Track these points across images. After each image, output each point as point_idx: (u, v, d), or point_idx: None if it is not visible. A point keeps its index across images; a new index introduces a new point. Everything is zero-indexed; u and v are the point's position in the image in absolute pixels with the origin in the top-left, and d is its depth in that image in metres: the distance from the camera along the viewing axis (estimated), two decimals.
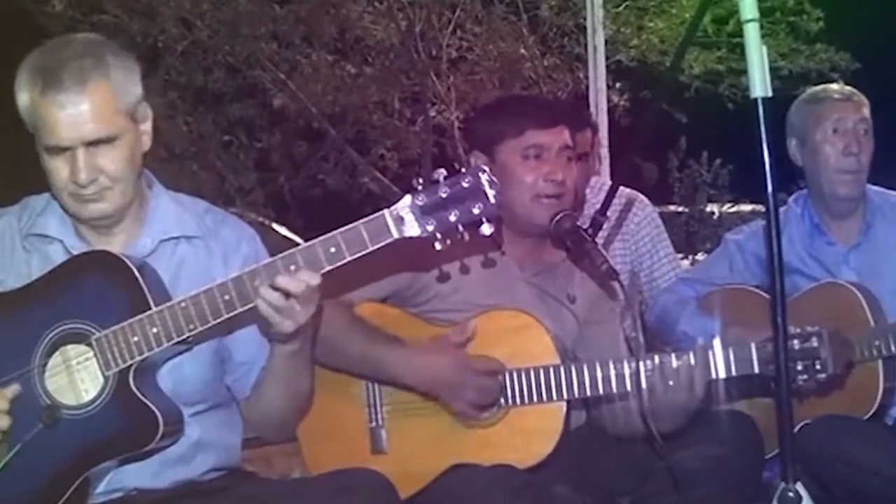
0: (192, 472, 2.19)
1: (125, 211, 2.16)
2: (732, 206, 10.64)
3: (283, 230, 8.11)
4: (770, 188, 2.11)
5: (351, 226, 2.04)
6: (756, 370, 2.46)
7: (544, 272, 2.69)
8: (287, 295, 2.01)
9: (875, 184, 3.05)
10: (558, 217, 2.63)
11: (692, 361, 2.44)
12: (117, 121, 2.07)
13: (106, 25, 10.17)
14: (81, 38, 2.14)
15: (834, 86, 3.10)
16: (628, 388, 2.47)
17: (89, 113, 2.04)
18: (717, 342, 2.48)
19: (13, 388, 2.05)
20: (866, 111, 2.97)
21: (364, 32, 11.06)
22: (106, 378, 2.05)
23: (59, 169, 2.07)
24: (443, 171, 2.03)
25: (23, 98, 2.06)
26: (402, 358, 2.49)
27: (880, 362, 2.75)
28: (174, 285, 2.13)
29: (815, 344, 2.43)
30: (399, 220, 2.03)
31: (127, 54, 2.14)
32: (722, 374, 2.47)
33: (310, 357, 2.26)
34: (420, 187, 2.03)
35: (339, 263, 2.04)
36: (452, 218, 2.01)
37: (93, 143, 2.05)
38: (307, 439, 2.60)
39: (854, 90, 3.03)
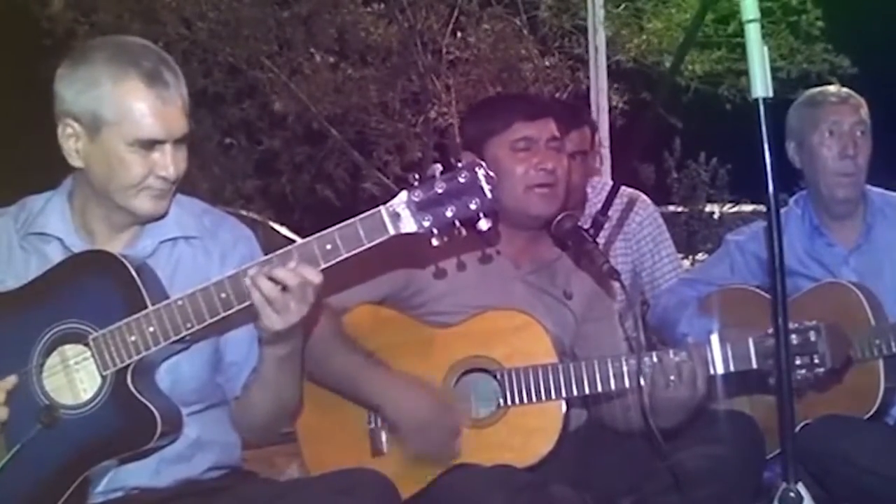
0: (192, 470, 2.19)
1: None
2: (733, 207, 10.64)
3: (283, 230, 8.09)
4: (771, 189, 2.11)
5: (347, 222, 2.03)
6: (754, 365, 2.46)
7: (540, 270, 2.69)
8: (283, 288, 2.01)
9: (875, 185, 3.05)
10: (559, 217, 2.63)
11: (691, 358, 2.44)
12: (187, 122, 2.13)
13: (106, 26, 10.18)
14: (146, 42, 2.17)
15: (831, 88, 3.10)
16: (627, 385, 2.47)
17: (180, 112, 2.10)
18: (714, 338, 2.48)
19: (10, 380, 2.06)
20: (863, 113, 2.96)
21: (364, 34, 11.07)
22: (104, 378, 2.05)
23: (135, 164, 2.07)
24: (438, 167, 2.03)
25: (107, 91, 2.05)
26: (382, 383, 2.47)
27: (881, 362, 2.75)
28: (171, 285, 2.13)
29: (814, 339, 2.43)
30: (395, 217, 2.02)
31: None
32: (720, 371, 2.47)
33: (299, 365, 2.25)
34: (416, 183, 2.02)
35: (335, 260, 2.03)
36: (449, 214, 2.01)
37: (177, 141, 2.10)
38: (307, 441, 2.59)
39: (851, 92, 3.03)
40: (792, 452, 2.11)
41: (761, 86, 2.10)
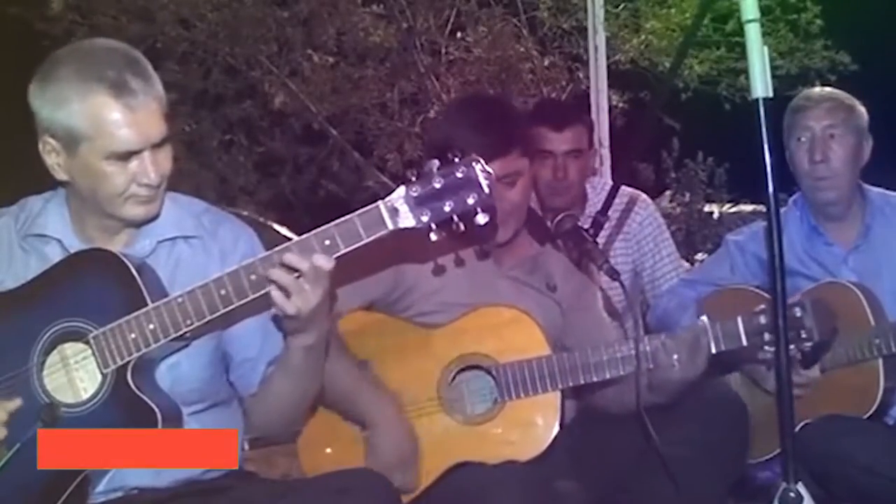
0: (193, 471, 2.18)
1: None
2: (733, 207, 10.63)
3: (283, 230, 8.09)
4: (771, 189, 2.11)
5: (345, 218, 2.04)
6: (744, 343, 2.48)
7: (522, 265, 2.70)
8: (298, 274, 2.01)
9: (875, 184, 3.05)
10: (560, 217, 2.64)
11: (696, 340, 2.46)
12: (165, 122, 2.10)
13: (105, 28, 10.17)
14: (113, 44, 2.13)
15: (815, 91, 3.10)
16: (620, 372, 2.49)
17: (154, 115, 2.06)
18: (704, 318, 2.50)
19: (15, 403, 2.06)
20: (842, 115, 2.95)
21: (363, 34, 11.07)
22: (104, 376, 2.05)
23: (115, 175, 2.06)
24: (436, 163, 2.03)
25: (76, 109, 2.02)
26: (378, 410, 2.49)
27: (881, 361, 2.75)
28: (172, 285, 2.13)
29: (799, 314, 2.46)
30: (394, 212, 2.02)
31: None
32: (712, 350, 2.48)
33: (324, 354, 2.24)
34: (414, 179, 2.03)
35: (334, 256, 2.03)
36: (447, 209, 2.01)
37: (156, 145, 2.07)
38: (304, 446, 2.60)
39: (834, 94, 3.02)
40: (792, 452, 2.11)
41: (761, 86, 2.10)
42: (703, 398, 2.52)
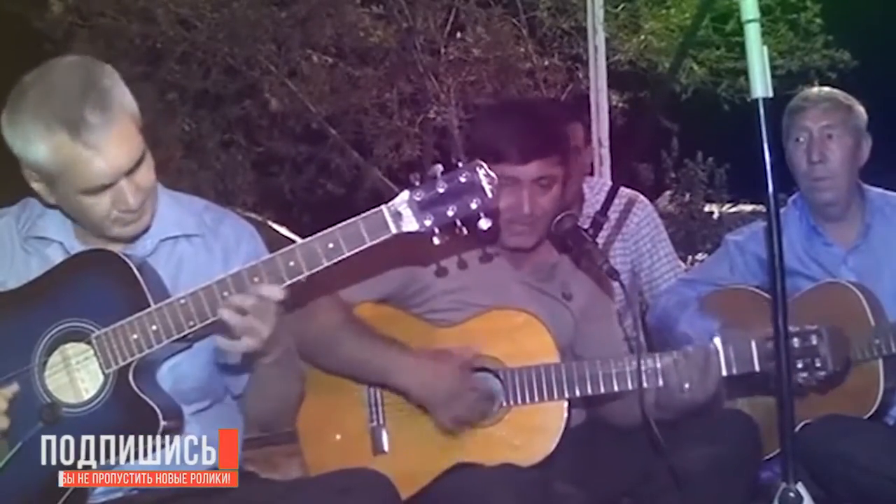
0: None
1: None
2: (733, 207, 10.64)
3: (282, 229, 8.11)
4: (771, 189, 2.11)
5: (349, 222, 2.04)
6: (757, 368, 2.47)
7: (539, 272, 2.69)
8: (243, 312, 2.00)
9: (875, 184, 3.05)
10: (559, 217, 2.64)
11: (706, 361, 2.45)
12: (139, 139, 2.06)
13: (105, 29, 10.19)
14: (71, 68, 2.05)
15: (812, 91, 3.08)
16: (629, 386, 2.47)
17: (124, 141, 2.01)
18: (717, 340, 2.48)
19: (12, 388, 2.05)
20: (839, 115, 2.93)
21: (363, 34, 11.09)
22: (106, 376, 2.05)
23: (95, 205, 2.04)
24: (440, 167, 2.03)
25: (41, 149, 1.98)
26: (399, 361, 2.49)
27: (881, 362, 2.74)
28: (174, 285, 2.13)
29: (815, 342, 2.44)
30: (397, 216, 2.02)
31: (107, 66, 2.08)
32: (723, 373, 2.47)
33: (294, 362, 2.25)
34: (417, 183, 2.03)
35: (337, 259, 2.04)
36: (450, 213, 2.01)
37: (129, 171, 2.03)
38: (307, 440, 2.59)
39: (829, 94, 3.00)
40: (792, 452, 2.11)
41: (761, 86, 2.09)
42: (714, 414, 2.52)
